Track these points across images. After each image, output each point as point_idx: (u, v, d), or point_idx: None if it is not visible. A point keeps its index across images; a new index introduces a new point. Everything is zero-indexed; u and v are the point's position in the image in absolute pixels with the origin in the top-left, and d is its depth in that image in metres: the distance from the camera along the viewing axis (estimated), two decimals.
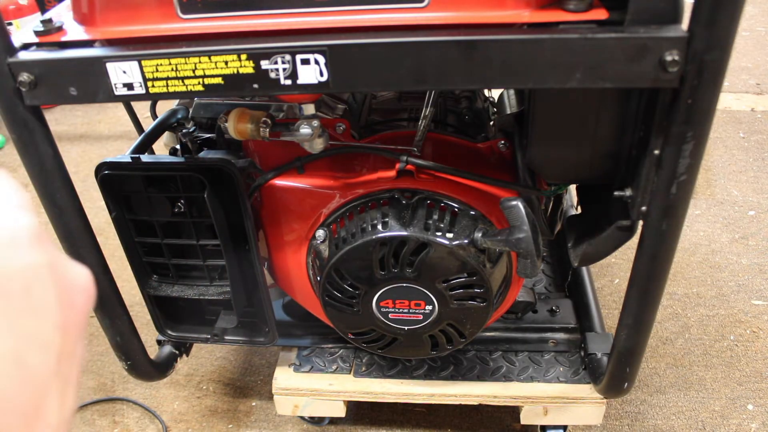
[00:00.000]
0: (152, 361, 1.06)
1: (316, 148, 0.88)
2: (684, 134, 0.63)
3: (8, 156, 2.43)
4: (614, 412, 1.29)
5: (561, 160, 0.83)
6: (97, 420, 1.36)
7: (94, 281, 0.39)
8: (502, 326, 1.16)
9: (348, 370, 1.15)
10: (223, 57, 0.65)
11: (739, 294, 1.56)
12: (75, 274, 0.39)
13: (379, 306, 0.92)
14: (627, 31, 0.59)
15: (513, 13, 0.63)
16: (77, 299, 0.38)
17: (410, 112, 1.07)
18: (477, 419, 1.29)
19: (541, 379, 1.10)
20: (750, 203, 1.86)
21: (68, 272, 0.38)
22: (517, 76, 0.63)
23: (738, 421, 1.26)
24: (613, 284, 1.61)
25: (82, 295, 0.39)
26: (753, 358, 1.39)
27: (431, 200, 0.87)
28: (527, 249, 0.77)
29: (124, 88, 0.69)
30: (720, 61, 0.58)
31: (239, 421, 1.34)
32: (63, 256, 0.36)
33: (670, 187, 0.67)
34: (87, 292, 0.40)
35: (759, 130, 2.21)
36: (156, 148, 1.01)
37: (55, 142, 0.76)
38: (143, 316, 1.04)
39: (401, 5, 0.64)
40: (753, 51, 2.74)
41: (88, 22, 0.71)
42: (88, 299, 0.39)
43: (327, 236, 0.92)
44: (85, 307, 0.39)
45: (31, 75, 0.68)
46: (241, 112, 0.85)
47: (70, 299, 0.37)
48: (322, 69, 0.65)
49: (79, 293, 0.39)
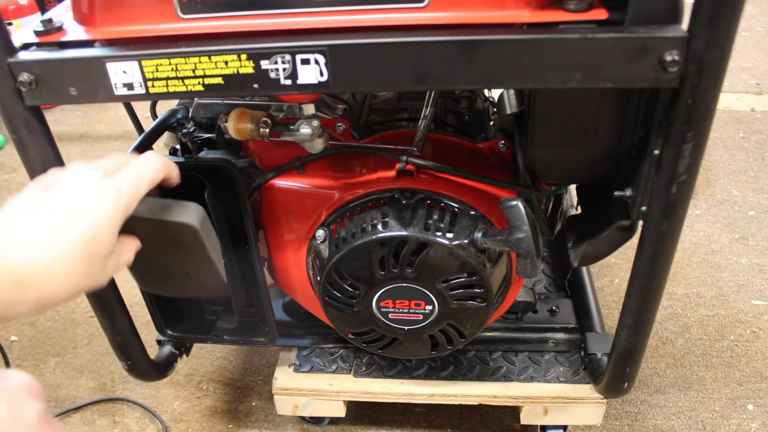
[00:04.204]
0: (152, 361, 1.06)
1: (316, 148, 0.88)
2: (684, 134, 0.63)
3: (8, 156, 2.43)
4: (614, 412, 1.29)
5: (561, 160, 0.83)
6: (97, 420, 1.36)
7: (32, 378, 0.44)
8: (502, 326, 1.16)
9: (348, 370, 1.15)
10: (223, 57, 0.65)
11: (739, 294, 1.56)
12: (15, 382, 0.42)
13: (379, 306, 0.92)
14: (627, 31, 0.59)
15: (513, 13, 0.63)
16: (23, 407, 0.42)
17: (410, 112, 1.07)
18: (477, 419, 1.29)
19: (541, 379, 1.10)
20: (750, 203, 1.86)
21: (8, 382, 0.41)
22: (517, 76, 0.63)
23: (738, 421, 1.26)
24: (613, 284, 1.61)
25: (26, 401, 0.42)
26: (753, 358, 1.39)
27: (431, 200, 0.87)
28: (527, 249, 0.77)
29: (124, 88, 0.69)
30: (720, 61, 0.58)
31: (239, 421, 1.34)
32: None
33: (670, 187, 0.67)
34: (31, 394, 0.44)
35: (759, 130, 2.21)
36: (156, 148, 1.01)
37: (55, 142, 0.76)
38: (143, 316, 1.04)
39: (401, 5, 0.64)
40: (753, 51, 2.74)
41: (88, 22, 0.71)
42: (35, 400, 0.44)
43: (327, 236, 0.92)
44: (34, 410, 0.43)
45: (31, 75, 0.68)
46: (241, 112, 0.85)
47: (17, 410, 0.41)
48: (322, 69, 0.65)
49: (23, 399, 0.42)
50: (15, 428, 0.43)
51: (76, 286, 0.55)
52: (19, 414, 0.43)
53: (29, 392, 0.45)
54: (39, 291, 0.52)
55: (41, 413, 0.44)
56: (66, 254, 0.54)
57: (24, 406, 0.44)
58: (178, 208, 0.77)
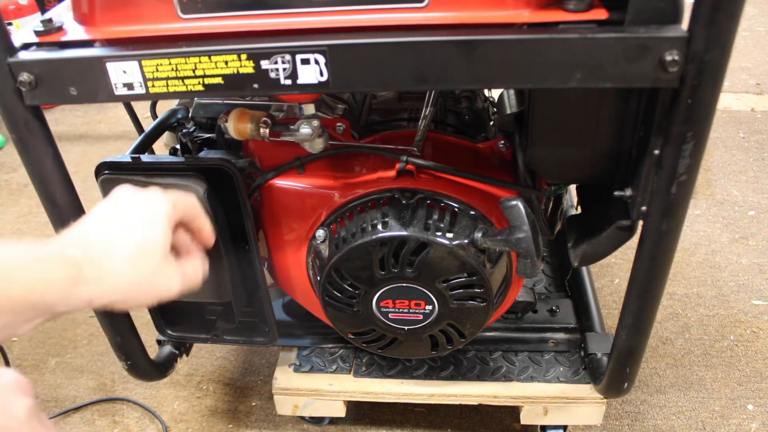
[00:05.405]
0: (152, 361, 1.06)
1: (316, 148, 0.88)
2: (684, 134, 0.63)
3: (8, 156, 2.43)
4: (614, 412, 1.29)
5: (561, 160, 0.83)
6: (97, 420, 1.36)
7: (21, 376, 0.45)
8: (502, 326, 1.16)
9: (348, 370, 1.15)
10: (223, 57, 0.65)
11: (739, 294, 1.56)
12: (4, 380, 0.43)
13: (379, 306, 0.92)
14: (627, 31, 0.59)
15: (513, 13, 0.63)
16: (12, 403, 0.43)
17: (410, 112, 1.07)
18: (477, 419, 1.29)
19: (541, 379, 1.10)
20: (750, 203, 1.86)
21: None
22: (517, 76, 0.63)
23: (738, 421, 1.26)
24: (613, 284, 1.61)
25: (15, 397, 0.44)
26: (753, 358, 1.39)
27: (431, 200, 0.87)
28: (527, 249, 0.77)
29: (124, 88, 0.69)
30: (720, 61, 0.58)
31: (239, 421, 1.34)
32: None
33: (670, 187, 0.67)
34: (20, 390, 0.46)
35: (759, 130, 2.21)
36: (156, 148, 1.01)
37: (55, 142, 0.76)
38: (143, 316, 1.04)
39: (401, 5, 0.64)
40: (753, 51, 2.74)
41: (88, 21, 0.71)
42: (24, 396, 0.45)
43: (327, 236, 0.92)
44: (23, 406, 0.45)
45: (31, 75, 0.68)
46: (241, 112, 0.85)
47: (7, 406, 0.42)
48: (322, 69, 0.65)
49: (12, 395, 0.44)
50: (4, 424, 0.44)
51: (130, 281, 0.58)
52: (8, 410, 0.44)
53: (18, 389, 0.46)
54: (93, 288, 0.56)
55: (30, 410, 0.45)
56: (120, 247, 0.58)
57: (13, 403, 0.45)
58: (183, 185, 0.82)
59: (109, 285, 0.57)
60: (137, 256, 0.59)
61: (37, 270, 0.52)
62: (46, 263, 0.53)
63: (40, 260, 0.53)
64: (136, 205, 0.63)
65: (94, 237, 0.59)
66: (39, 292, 0.51)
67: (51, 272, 0.53)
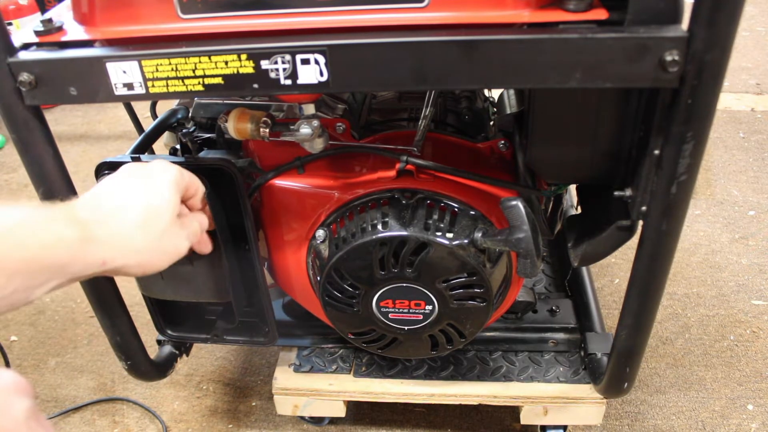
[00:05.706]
0: (152, 361, 1.06)
1: (316, 148, 0.88)
2: (684, 134, 0.63)
3: (8, 156, 2.43)
4: (614, 412, 1.29)
5: (561, 160, 0.83)
6: (97, 420, 1.36)
7: (21, 377, 0.45)
8: (502, 326, 1.16)
9: (348, 370, 1.15)
10: (223, 57, 0.65)
11: (739, 294, 1.56)
12: (3, 381, 0.44)
13: (379, 306, 0.92)
14: (627, 31, 0.59)
15: (513, 13, 0.63)
16: (11, 404, 0.43)
17: (410, 112, 1.07)
18: (477, 419, 1.29)
19: (541, 379, 1.10)
20: (750, 203, 1.86)
21: None
22: (517, 76, 0.63)
23: (738, 421, 1.26)
24: (613, 284, 1.61)
25: (14, 398, 0.44)
26: (753, 358, 1.39)
27: (431, 200, 0.87)
28: (527, 249, 0.77)
29: (124, 88, 0.69)
30: (720, 61, 0.58)
31: (239, 421, 1.34)
32: None
33: (670, 187, 0.67)
34: (19, 391, 0.46)
35: (759, 130, 2.21)
36: (156, 148, 1.01)
37: (55, 142, 0.76)
38: (143, 316, 1.04)
39: (401, 5, 0.64)
40: (753, 51, 2.74)
41: (88, 21, 0.71)
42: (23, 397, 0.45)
43: (327, 236, 0.92)
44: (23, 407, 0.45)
45: (31, 75, 0.68)
46: (241, 112, 0.85)
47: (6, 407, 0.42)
48: (322, 69, 0.65)
49: (11, 396, 0.44)
50: (3, 425, 0.44)
51: (141, 243, 0.61)
52: (7, 411, 0.45)
53: (18, 390, 0.46)
54: (105, 248, 0.58)
55: (29, 410, 0.46)
56: (129, 209, 0.61)
57: (13, 404, 0.45)
58: None
59: (121, 246, 0.59)
60: (146, 218, 0.61)
61: (47, 228, 0.53)
62: (55, 222, 0.54)
63: (50, 219, 0.54)
64: (144, 171, 0.66)
65: (103, 200, 0.61)
66: (50, 250, 0.52)
67: (61, 231, 0.54)
